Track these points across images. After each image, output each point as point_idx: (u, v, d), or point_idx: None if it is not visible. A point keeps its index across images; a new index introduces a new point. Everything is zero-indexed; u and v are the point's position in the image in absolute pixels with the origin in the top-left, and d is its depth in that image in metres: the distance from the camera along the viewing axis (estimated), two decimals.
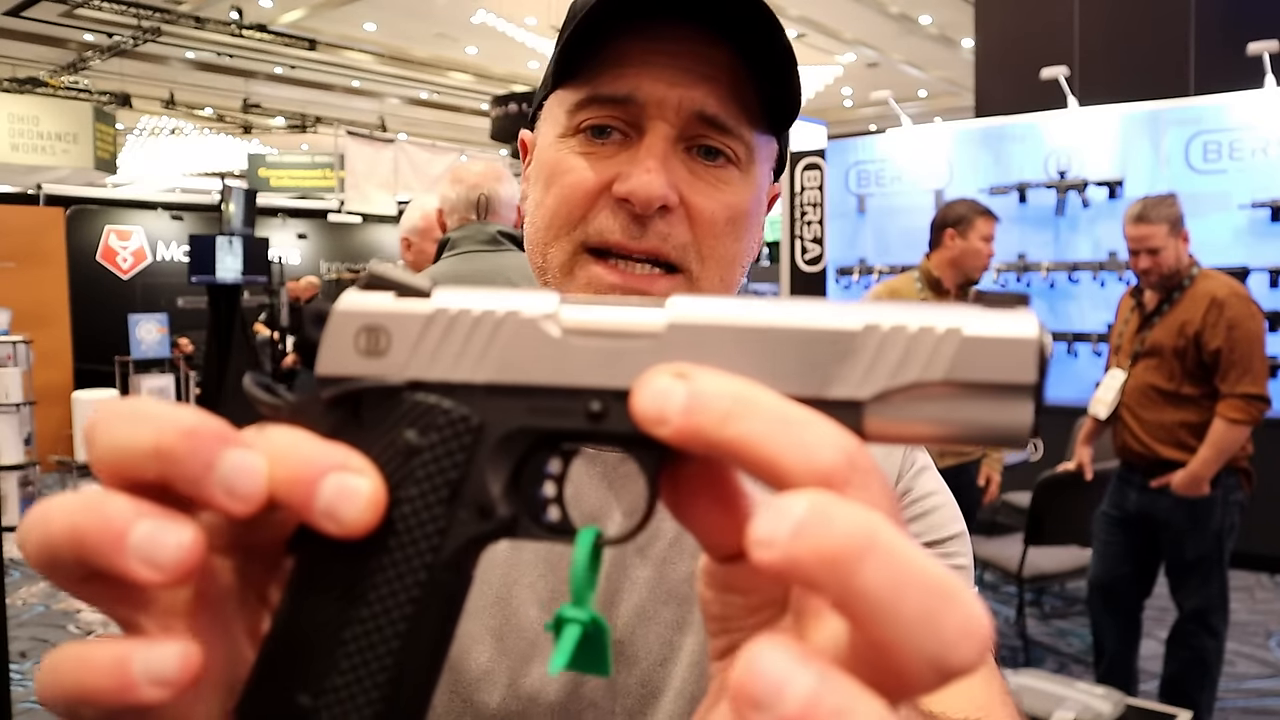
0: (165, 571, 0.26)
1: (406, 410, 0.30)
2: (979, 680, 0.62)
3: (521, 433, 0.30)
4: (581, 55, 0.65)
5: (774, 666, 0.22)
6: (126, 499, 0.27)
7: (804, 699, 0.22)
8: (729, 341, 0.29)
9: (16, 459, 6.76)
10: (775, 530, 0.23)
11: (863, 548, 0.22)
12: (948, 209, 3.43)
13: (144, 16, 11.37)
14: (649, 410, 0.26)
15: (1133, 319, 3.38)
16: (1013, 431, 0.27)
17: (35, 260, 9.21)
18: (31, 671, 4.27)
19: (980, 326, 0.28)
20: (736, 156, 0.66)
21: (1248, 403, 3.06)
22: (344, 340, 0.31)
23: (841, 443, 0.25)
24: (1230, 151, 5.66)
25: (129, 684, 0.26)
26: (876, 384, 0.28)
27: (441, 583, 0.30)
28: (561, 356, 0.30)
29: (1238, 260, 5.45)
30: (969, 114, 7.19)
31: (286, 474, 0.28)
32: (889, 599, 0.22)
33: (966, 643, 0.22)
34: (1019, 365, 0.27)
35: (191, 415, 0.27)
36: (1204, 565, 3.25)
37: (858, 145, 7.21)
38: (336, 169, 12.24)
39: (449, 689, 0.68)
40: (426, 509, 0.30)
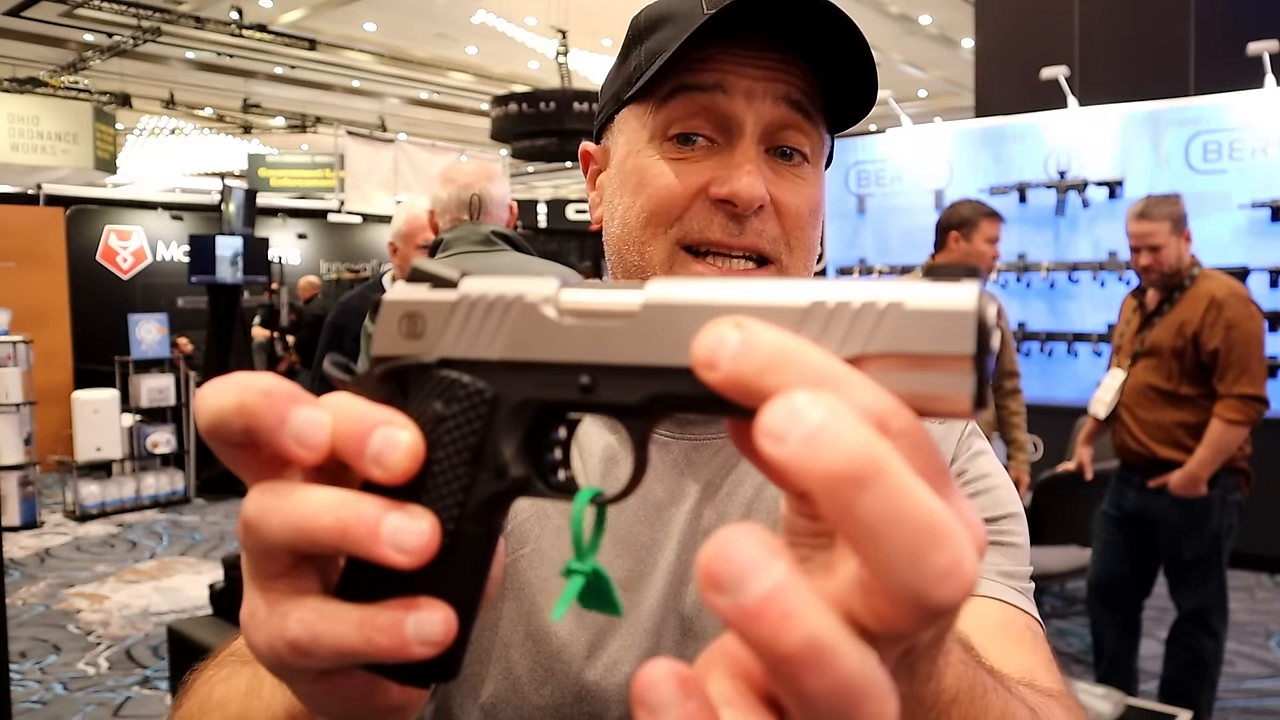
0: (416, 555, 0.32)
1: (435, 384, 0.35)
2: (1026, 648, 0.65)
3: (529, 403, 0.34)
4: (666, 65, 0.68)
5: (742, 554, 0.24)
6: (374, 500, 0.33)
7: (762, 594, 0.23)
8: (695, 319, 0.30)
9: (16, 459, 6.76)
10: (787, 429, 0.24)
11: (867, 474, 0.23)
12: (952, 210, 3.41)
13: (144, 16, 11.37)
14: (702, 354, 0.27)
15: (1134, 319, 3.38)
16: (955, 401, 0.28)
17: (35, 260, 9.21)
18: (31, 671, 4.27)
19: (921, 300, 0.28)
20: (810, 153, 0.72)
21: (1245, 403, 3.06)
22: (391, 325, 0.36)
23: (878, 401, 0.26)
24: (1230, 151, 5.66)
25: (403, 642, 0.32)
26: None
27: (468, 534, 0.34)
28: (557, 335, 0.34)
29: (1238, 260, 5.45)
30: (969, 114, 7.19)
31: (344, 428, 0.33)
32: (882, 528, 0.23)
33: (948, 583, 0.23)
34: (957, 336, 0.28)
35: (269, 380, 0.33)
36: (1202, 565, 3.25)
37: (858, 145, 7.21)
38: (336, 169, 12.23)
39: (534, 659, 0.73)
40: (453, 469, 0.34)
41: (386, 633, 0.32)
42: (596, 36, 12.61)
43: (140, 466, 7.59)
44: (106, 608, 5.12)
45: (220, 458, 0.35)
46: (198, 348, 8.46)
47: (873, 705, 0.23)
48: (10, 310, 7.12)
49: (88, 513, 7.19)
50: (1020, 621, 0.67)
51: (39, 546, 6.43)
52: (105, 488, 7.35)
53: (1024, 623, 0.67)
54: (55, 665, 4.34)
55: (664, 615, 0.73)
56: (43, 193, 10.08)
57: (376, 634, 0.32)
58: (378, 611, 0.33)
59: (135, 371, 7.51)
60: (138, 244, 10.71)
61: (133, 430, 7.49)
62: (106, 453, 7.30)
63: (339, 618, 0.33)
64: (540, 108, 11.41)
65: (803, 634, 0.23)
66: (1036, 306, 6.32)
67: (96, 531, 6.89)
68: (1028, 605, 0.69)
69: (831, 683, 0.23)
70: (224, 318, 8.19)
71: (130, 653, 4.49)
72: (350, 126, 12.23)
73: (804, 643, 0.23)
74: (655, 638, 0.73)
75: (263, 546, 0.33)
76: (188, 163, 17.72)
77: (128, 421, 7.46)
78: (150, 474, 7.64)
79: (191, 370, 7.93)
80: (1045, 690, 0.52)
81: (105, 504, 7.31)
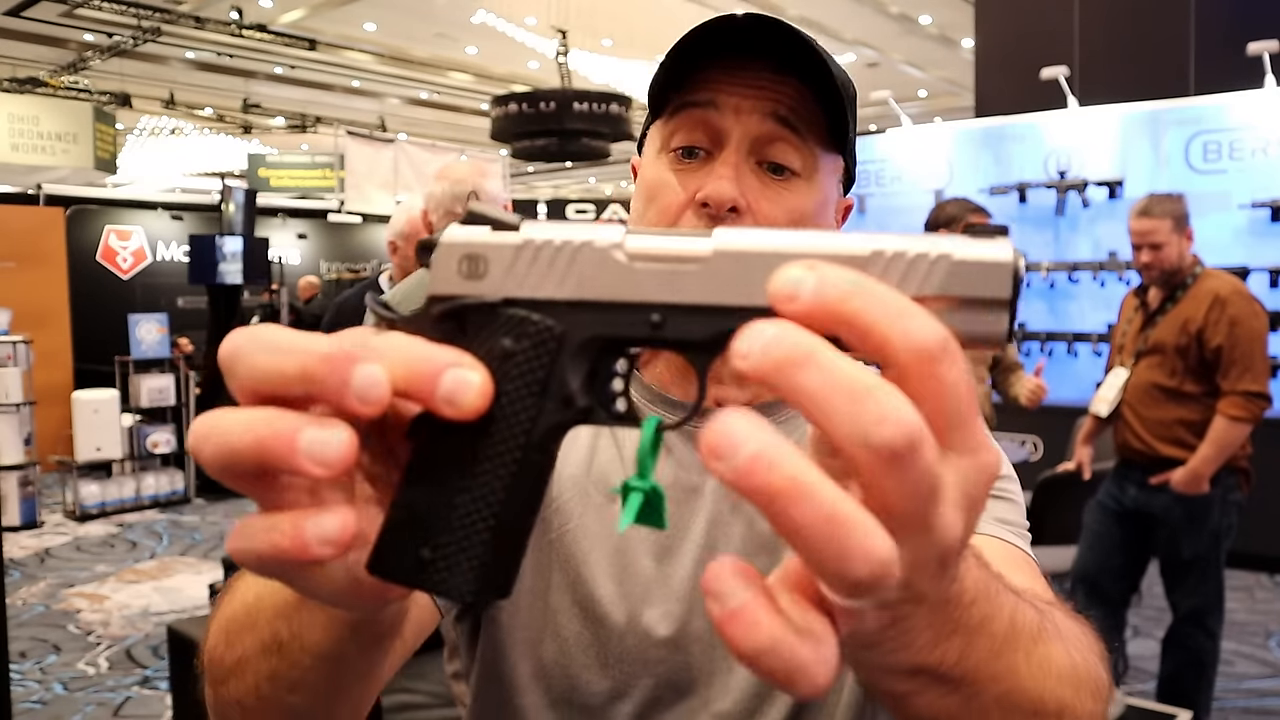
0: (331, 466, 0.33)
1: (503, 322, 0.37)
2: (1027, 573, 0.71)
3: (595, 339, 0.37)
4: (675, 84, 0.78)
5: (736, 428, 0.29)
6: (290, 413, 0.34)
7: (751, 453, 0.29)
8: (762, 264, 0.34)
9: (16, 459, 6.76)
10: (750, 346, 0.30)
11: (805, 358, 0.29)
12: (939, 209, 3.42)
13: (144, 16, 11.37)
14: (783, 289, 0.31)
15: (1136, 318, 3.39)
16: (989, 337, 0.34)
17: (35, 260, 9.20)
18: (31, 671, 4.27)
19: (967, 252, 0.34)
20: (801, 170, 0.78)
21: (1249, 400, 3.07)
22: (449, 266, 0.38)
23: (939, 329, 0.31)
24: (1230, 151, 5.66)
25: (304, 544, 0.34)
26: None
27: (532, 461, 0.37)
28: (628, 277, 0.36)
29: (1238, 260, 5.45)
30: (969, 114, 7.19)
31: (413, 371, 0.35)
32: (821, 393, 0.29)
33: (884, 426, 0.29)
34: (998, 283, 0.34)
35: (324, 343, 0.34)
36: (1200, 565, 3.25)
37: (858, 145, 7.20)
38: (336, 169, 12.23)
39: (580, 624, 0.80)
40: (520, 400, 0.36)
41: (288, 536, 0.34)
42: (596, 36, 12.61)
43: (140, 466, 7.59)
44: (106, 608, 5.12)
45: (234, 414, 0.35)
46: (198, 348, 8.45)
47: (859, 534, 0.29)
48: (10, 310, 7.12)
49: (88, 513, 7.19)
50: (1017, 553, 0.74)
51: (39, 546, 6.43)
52: (105, 488, 7.35)
53: (1020, 553, 0.75)
54: (55, 665, 4.34)
55: (695, 585, 0.79)
56: (43, 193, 10.08)
57: (279, 538, 0.34)
58: (281, 517, 0.35)
59: (135, 371, 7.50)
60: (138, 244, 10.71)
61: (133, 430, 7.49)
62: (106, 453, 7.30)
63: (254, 526, 0.35)
64: (540, 108, 11.41)
65: (786, 474, 0.28)
66: (1036, 306, 6.33)
67: (96, 531, 6.89)
68: (1023, 545, 0.76)
69: (817, 511, 0.28)
70: (224, 318, 8.19)
71: (130, 653, 4.49)
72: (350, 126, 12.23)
73: (788, 480, 0.28)
74: (689, 605, 0.79)
75: (210, 471, 0.35)
76: (188, 163, 17.71)
77: (128, 421, 7.46)
78: (150, 474, 7.64)
79: (191, 370, 7.93)
80: (1046, 599, 0.57)
81: (105, 504, 7.31)
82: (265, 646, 0.55)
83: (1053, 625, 0.49)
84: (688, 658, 0.79)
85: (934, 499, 0.31)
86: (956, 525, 0.32)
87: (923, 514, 0.31)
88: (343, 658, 0.51)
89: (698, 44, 0.74)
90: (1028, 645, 0.45)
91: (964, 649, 0.40)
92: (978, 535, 0.71)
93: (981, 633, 0.41)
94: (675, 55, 0.75)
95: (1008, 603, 0.44)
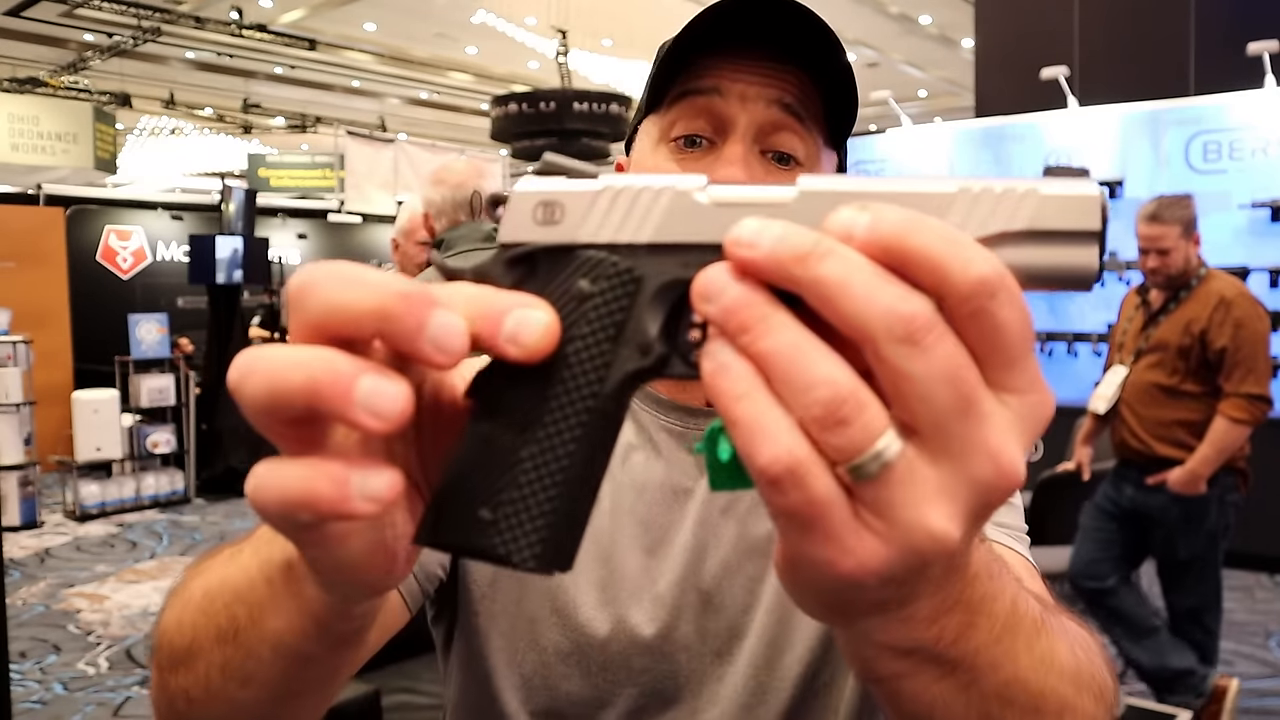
0: (387, 421, 0.31)
1: (580, 264, 0.36)
2: (1027, 578, 0.68)
3: (676, 283, 0.35)
4: (673, 74, 0.75)
5: (719, 275, 0.32)
6: (350, 357, 0.32)
7: (735, 295, 0.31)
8: (849, 204, 0.33)
9: (16, 459, 6.75)
10: (758, 236, 0.31)
11: (826, 250, 0.30)
12: None
13: (144, 16, 11.37)
14: (839, 227, 0.31)
15: (1137, 317, 3.39)
16: (1082, 271, 0.33)
17: (35, 260, 9.20)
18: (31, 671, 4.27)
19: (1054, 188, 0.34)
20: (805, 158, 0.76)
21: (1250, 402, 3.07)
22: (524, 213, 0.37)
23: (997, 263, 0.31)
24: (1230, 151, 5.66)
25: (346, 496, 0.32)
26: (970, 233, 0.33)
27: (604, 411, 0.35)
28: (711, 220, 0.35)
29: (1238, 260, 5.45)
30: (969, 114, 7.19)
31: (477, 313, 0.33)
32: (842, 280, 0.30)
33: (904, 303, 0.30)
34: (1087, 215, 0.33)
35: (403, 281, 0.32)
36: (1197, 565, 3.25)
37: (858, 145, 7.21)
38: (336, 169, 12.23)
39: (560, 630, 0.78)
40: (596, 344, 0.35)
41: (330, 483, 0.32)
42: (596, 36, 12.61)
43: (140, 466, 7.59)
44: (106, 608, 5.12)
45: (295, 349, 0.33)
46: (198, 348, 8.45)
47: (805, 354, 0.30)
48: (10, 310, 7.12)
49: (88, 513, 7.19)
50: (1018, 559, 0.72)
51: (39, 546, 6.43)
52: (105, 488, 7.35)
53: (1021, 559, 0.73)
54: (55, 665, 4.34)
55: (683, 589, 0.79)
56: (43, 193, 10.07)
57: (320, 484, 0.32)
58: (323, 464, 0.32)
59: (135, 371, 7.50)
60: (138, 244, 10.70)
61: (133, 430, 7.49)
62: (106, 453, 7.29)
63: (288, 469, 0.33)
64: (540, 108, 11.41)
65: (758, 311, 0.31)
66: (1036, 306, 6.31)
67: (96, 531, 6.89)
68: (1023, 550, 0.75)
69: (778, 341, 0.30)
70: (224, 318, 8.19)
71: (130, 653, 4.49)
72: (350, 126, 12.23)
73: (760, 314, 0.31)
74: (675, 610, 0.78)
75: (248, 411, 0.32)
76: (188, 163, 17.71)
77: (128, 421, 7.46)
78: (150, 474, 7.64)
79: (191, 370, 7.94)
80: (1049, 603, 0.54)
81: (105, 504, 7.31)
82: (221, 632, 0.51)
83: (1056, 622, 0.47)
84: (673, 665, 0.77)
85: (971, 404, 0.30)
86: (1010, 452, 0.31)
87: (960, 417, 0.30)
88: (303, 655, 0.47)
89: (702, 29, 0.72)
90: (1029, 634, 0.43)
91: (963, 627, 0.38)
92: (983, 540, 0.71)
93: (982, 611, 0.39)
94: (678, 43, 0.73)
95: (1009, 586, 0.42)
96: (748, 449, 0.30)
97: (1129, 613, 3.36)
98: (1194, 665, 3.25)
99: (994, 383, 0.31)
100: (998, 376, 0.31)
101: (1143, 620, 3.34)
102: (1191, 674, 3.23)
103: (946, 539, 0.31)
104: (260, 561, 0.48)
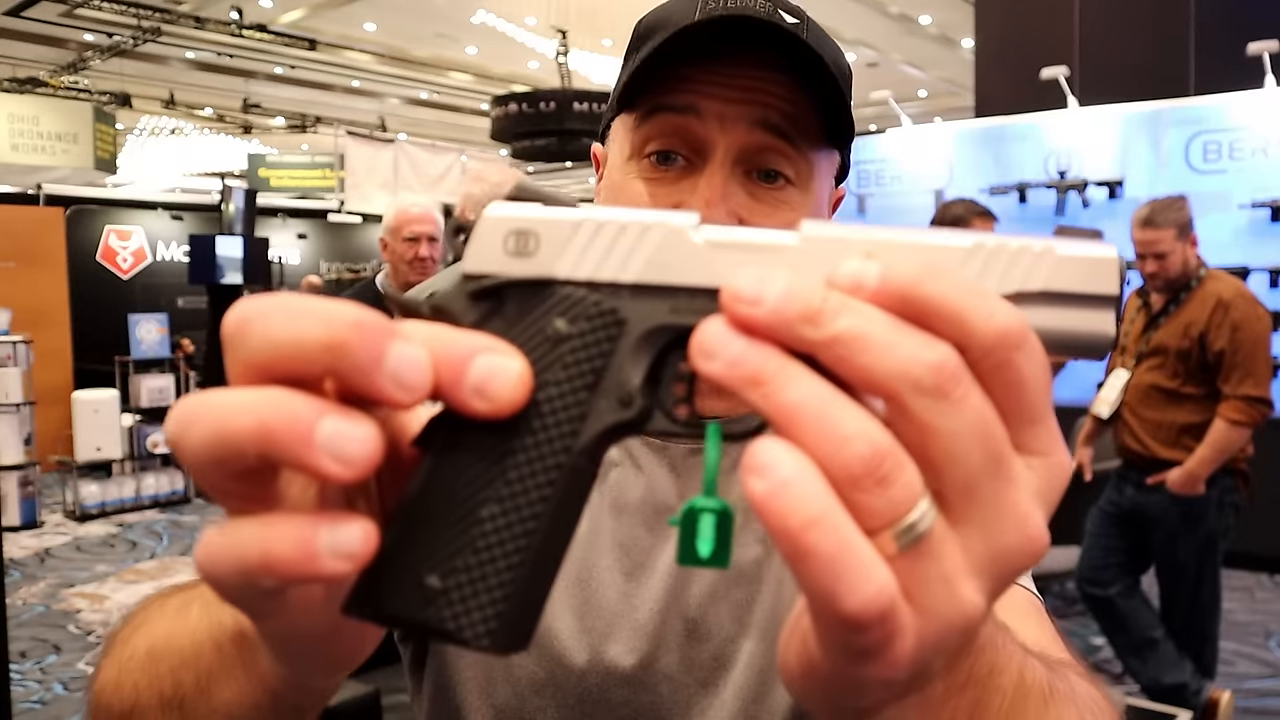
0: (353, 467, 0.27)
1: (557, 302, 0.32)
2: (1033, 623, 0.66)
3: (662, 329, 0.32)
4: (648, 78, 0.68)
5: (721, 329, 0.28)
6: (307, 396, 0.28)
7: (740, 350, 0.28)
8: (854, 252, 0.31)
9: (16, 459, 6.76)
10: (760, 292, 0.28)
11: (838, 306, 0.28)
12: (945, 209, 3.44)
13: (144, 16, 11.37)
14: (847, 279, 0.29)
15: (1138, 319, 3.39)
16: (1099, 337, 0.32)
17: (35, 260, 9.20)
18: (31, 671, 4.26)
19: (1071, 249, 0.32)
20: (795, 176, 0.69)
21: (1249, 404, 3.06)
22: (493, 241, 0.33)
23: (1017, 313, 0.29)
24: (1230, 151, 5.66)
25: (313, 554, 0.28)
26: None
27: (577, 468, 0.31)
28: (704, 262, 0.32)
29: (1238, 260, 5.45)
30: (969, 114, 7.19)
31: (436, 355, 0.29)
32: (859, 335, 0.27)
33: (929, 351, 0.27)
34: (1105, 279, 0.32)
35: (353, 309, 0.28)
36: (1196, 566, 3.25)
37: (858, 145, 7.18)
38: (336, 169, 12.24)
39: (535, 661, 0.73)
40: (571, 393, 0.31)
41: (291, 543, 0.28)
42: (596, 36, 12.61)
43: (140, 466, 7.59)
44: (106, 608, 5.12)
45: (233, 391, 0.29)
46: (198, 348, 8.45)
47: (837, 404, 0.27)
48: (10, 310, 7.12)
49: (88, 513, 7.19)
50: (1022, 597, 0.68)
51: (39, 546, 6.43)
52: (105, 488, 7.35)
53: (1026, 598, 0.69)
54: (55, 665, 4.34)
55: (665, 617, 0.73)
56: (43, 193, 10.07)
57: (278, 545, 0.28)
58: (281, 521, 0.28)
59: (135, 371, 7.51)
60: (138, 244, 10.70)
61: (133, 430, 7.50)
62: (106, 453, 7.30)
63: (242, 531, 0.29)
64: (540, 108, 11.41)
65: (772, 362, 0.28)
66: None
67: (96, 531, 6.89)
68: (1026, 582, 0.71)
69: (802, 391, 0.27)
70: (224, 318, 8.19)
71: None
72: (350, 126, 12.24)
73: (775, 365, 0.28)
74: (657, 640, 0.73)
75: (192, 466, 0.29)
76: (188, 163, 17.72)
77: (128, 421, 7.46)
78: (150, 474, 7.65)
79: (191, 370, 7.94)
80: (1058, 658, 0.52)
81: (105, 504, 7.31)
82: (165, 700, 0.46)
83: (1066, 686, 0.44)
84: (655, 697, 0.72)
85: (1001, 465, 0.28)
86: (1036, 520, 0.29)
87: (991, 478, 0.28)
88: None
89: (680, 40, 0.64)
90: (1038, 706, 0.39)
91: (974, 705, 0.35)
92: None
93: (990, 686, 0.36)
94: (656, 54, 0.65)
95: (1016, 655, 0.39)
96: (829, 589, 0.26)
97: (1129, 622, 3.37)
98: (1188, 679, 3.24)
99: (1016, 443, 0.29)
100: (1020, 436, 0.29)
101: (1142, 631, 3.34)
102: (1185, 688, 3.23)
103: (976, 614, 0.28)
104: (210, 624, 0.44)
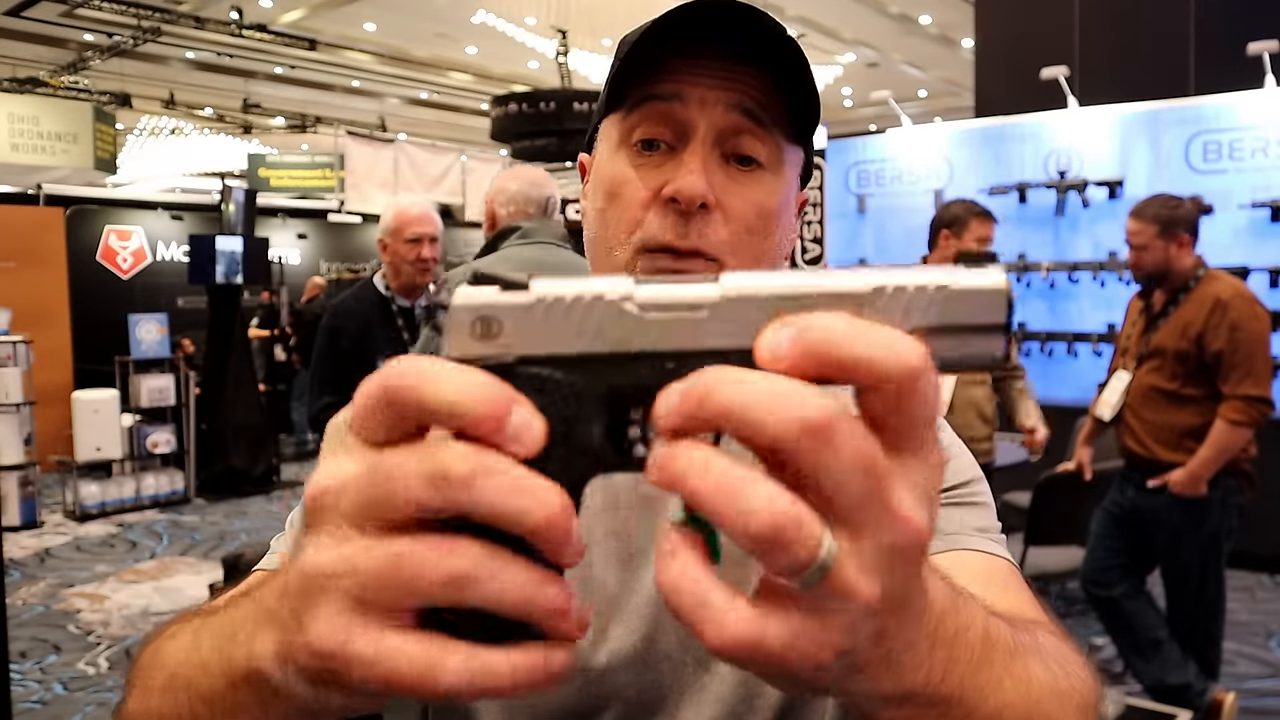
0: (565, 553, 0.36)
1: (525, 381, 0.37)
2: (1011, 591, 0.69)
3: (613, 390, 0.38)
4: (633, 77, 0.75)
5: (656, 452, 0.34)
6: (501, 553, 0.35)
7: (660, 461, 0.34)
8: (767, 307, 0.36)
9: (16, 459, 6.76)
10: (665, 408, 0.34)
11: (711, 386, 0.33)
12: (944, 209, 3.43)
13: (144, 16, 11.37)
14: (768, 351, 0.34)
15: (1140, 320, 3.38)
16: (988, 358, 0.37)
17: (35, 260, 9.20)
18: (31, 671, 4.27)
19: (963, 282, 0.37)
20: (767, 160, 0.75)
21: (1249, 404, 3.06)
22: (463, 329, 0.38)
23: (917, 348, 0.33)
24: (1230, 151, 5.66)
25: (554, 676, 0.36)
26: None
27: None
28: (640, 327, 0.37)
29: (1238, 260, 5.45)
30: (969, 114, 7.19)
31: (483, 401, 0.35)
32: (743, 406, 0.33)
33: (806, 408, 0.32)
34: (994, 310, 0.37)
35: (482, 378, 0.35)
36: (1200, 567, 3.24)
37: (858, 145, 7.21)
38: (336, 169, 12.23)
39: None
40: (550, 448, 0.37)
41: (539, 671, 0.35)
42: (596, 36, 12.61)
43: (140, 466, 7.59)
44: (106, 608, 5.12)
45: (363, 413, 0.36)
46: (198, 348, 8.45)
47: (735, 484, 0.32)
48: (10, 310, 7.12)
49: (88, 513, 7.19)
50: (999, 566, 0.73)
51: (39, 546, 6.43)
52: (105, 488, 7.35)
53: (1002, 566, 0.73)
54: (55, 665, 4.34)
55: (660, 600, 0.76)
56: (43, 193, 10.07)
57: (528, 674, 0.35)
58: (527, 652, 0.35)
59: (135, 371, 7.50)
60: (138, 244, 10.70)
61: (133, 430, 7.49)
62: (106, 453, 7.30)
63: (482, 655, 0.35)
64: (540, 108, 11.42)
65: (677, 464, 0.34)
66: (1036, 306, 6.32)
67: (96, 531, 6.89)
68: (1002, 551, 0.75)
69: (693, 489, 0.33)
70: (224, 318, 8.18)
71: (130, 653, 4.49)
72: (350, 126, 12.22)
73: (684, 460, 0.34)
74: (655, 622, 0.76)
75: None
76: (188, 163, 17.72)
77: (128, 421, 7.46)
78: (150, 474, 7.64)
79: (191, 370, 7.93)
80: (1030, 618, 0.56)
81: (105, 504, 7.31)
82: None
83: (1030, 640, 0.48)
84: (657, 675, 0.76)
85: (881, 483, 0.33)
86: (919, 516, 0.34)
87: (870, 497, 0.33)
88: None
89: (662, 32, 0.71)
90: (1004, 660, 0.44)
91: (947, 664, 0.40)
92: (958, 550, 0.72)
93: (958, 644, 0.41)
94: (640, 46, 0.72)
95: (978, 615, 0.43)
96: (700, 634, 0.35)
97: (1134, 623, 3.37)
98: (1191, 680, 3.24)
99: (906, 449, 0.34)
100: (910, 444, 0.34)
101: (1146, 632, 3.34)
102: (1188, 689, 3.22)
103: (874, 602, 0.34)
104: (223, 662, 0.45)
